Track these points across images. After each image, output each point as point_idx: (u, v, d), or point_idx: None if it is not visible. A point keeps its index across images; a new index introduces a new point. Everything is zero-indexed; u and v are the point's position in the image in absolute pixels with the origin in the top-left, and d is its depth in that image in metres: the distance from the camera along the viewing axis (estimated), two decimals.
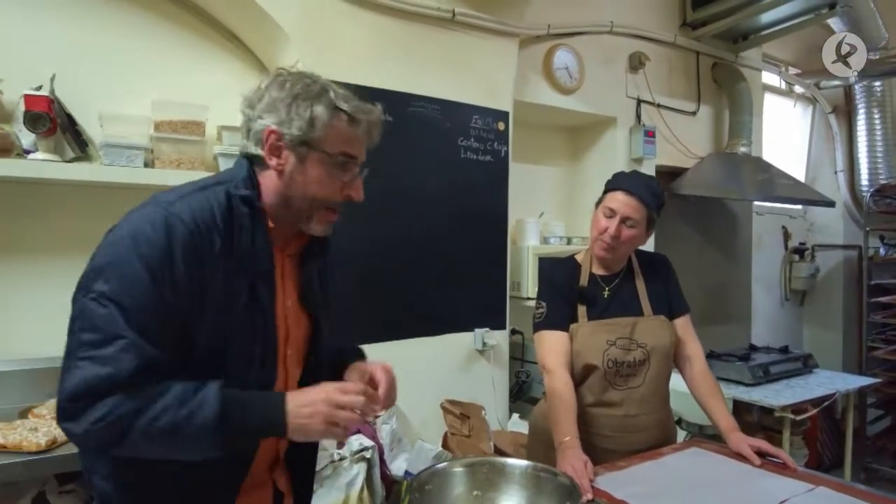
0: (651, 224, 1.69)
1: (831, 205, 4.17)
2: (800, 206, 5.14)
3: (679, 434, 2.11)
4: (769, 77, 4.84)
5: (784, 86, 5.13)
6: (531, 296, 3.04)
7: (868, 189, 4.71)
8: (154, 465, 0.97)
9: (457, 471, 1.23)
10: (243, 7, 2.25)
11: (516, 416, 2.90)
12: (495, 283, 2.89)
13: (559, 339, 1.68)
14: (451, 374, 2.73)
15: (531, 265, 3.06)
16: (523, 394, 3.08)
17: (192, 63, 2.40)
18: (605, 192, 1.72)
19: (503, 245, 2.91)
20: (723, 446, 1.63)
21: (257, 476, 1.10)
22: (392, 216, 2.54)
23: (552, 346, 1.67)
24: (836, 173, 5.13)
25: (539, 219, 3.33)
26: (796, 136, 5.28)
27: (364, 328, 2.47)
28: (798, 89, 5.14)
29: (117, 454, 0.95)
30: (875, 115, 4.72)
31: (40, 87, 1.94)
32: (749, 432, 1.62)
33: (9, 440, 1.55)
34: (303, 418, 0.97)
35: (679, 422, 2.59)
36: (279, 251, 1.11)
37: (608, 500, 1.30)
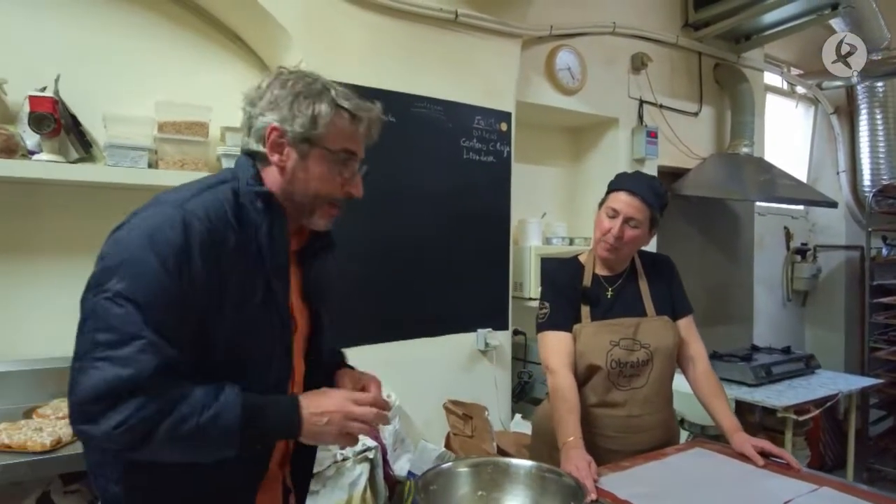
0: (654, 224, 1.69)
1: (833, 205, 4.17)
2: (802, 207, 5.14)
3: (681, 435, 2.12)
4: (771, 78, 4.84)
5: (786, 86, 5.13)
6: (533, 296, 3.04)
7: (870, 189, 4.71)
8: (170, 468, 0.96)
9: (461, 471, 1.23)
10: (246, 7, 2.26)
11: (519, 416, 2.90)
12: (498, 283, 2.89)
13: (562, 339, 1.68)
14: (453, 374, 2.73)
15: (533, 266, 3.07)
16: (526, 394, 3.08)
17: (194, 64, 2.41)
18: (608, 192, 1.72)
19: (505, 245, 2.91)
20: (726, 447, 1.63)
21: (272, 473, 1.12)
22: (395, 216, 2.55)
23: (555, 347, 1.67)
24: (838, 174, 5.13)
25: (541, 219, 3.33)
26: (798, 136, 5.28)
27: (367, 328, 2.48)
28: (800, 90, 5.14)
29: (132, 457, 0.93)
30: (877, 116, 4.72)
31: (45, 89, 1.95)
32: (751, 433, 1.61)
33: (14, 440, 1.55)
34: (317, 426, 0.99)
35: (681, 422, 2.59)
36: None
37: (612, 500, 1.30)
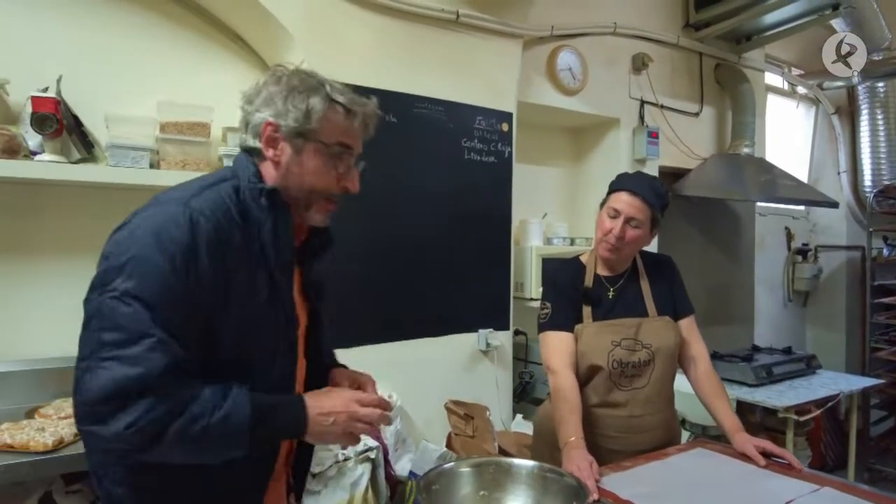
0: (655, 224, 1.70)
1: (834, 205, 4.17)
2: (803, 207, 5.14)
3: (682, 435, 2.11)
4: (772, 78, 4.83)
5: (787, 87, 5.13)
6: (534, 296, 3.04)
7: (871, 190, 4.71)
8: (178, 469, 0.95)
9: (463, 471, 1.23)
10: (247, 7, 2.26)
11: (520, 416, 2.90)
12: (499, 283, 2.89)
13: (564, 339, 1.68)
14: (454, 374, 2.73)
15: (534, 266, 3.07)
16: (527, 394, 3.08)
17: (196, 64, 2.41)
18: (609, 193, 1.72)
19: (507, 246, 2.92)
20: (727, 447, 1.63)
21: (276, 472, 1.12)
22: (396, 216, 2.55)
23: (557, 347, 1.68)
24: (839, 174, 5.13)
25: (542, 219, 3.33)
26: (799, 137, 5.28)
27: (368, 328, 2.48)
28: (801, 90, 5.14)
29: (140, 459, 0.92)
30: (878, 116, 4.72)
31: (47, 89, 1.95)
32: (752, 433, 1.62)
33: (16, 440, 1.55)
34: (322, 426, 1.00)
35: (682, 422, 2.59)
36: None
37: (614, 500, 1.30)
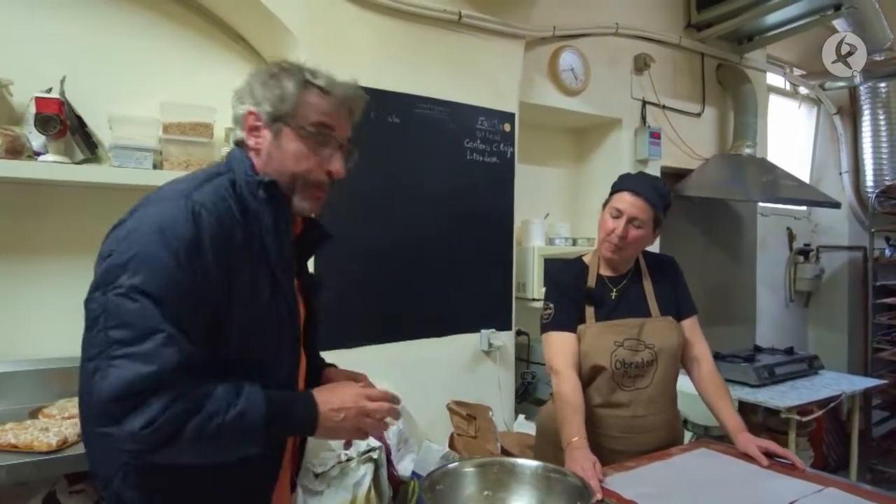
0: (658, 224, 1.70)
1: (836, 206, 4.17)
2: (804, 208, 5.14)
3: (685, 435, 2.11)
4: (774, 78, 4.83)
5: (789, 87, 5.13)
6: (536, 297, 3.04)
7: (873, 190, 4.71)
8: (189, 470, 0.95)
9: (468, 471, 1.23)
10: (249, 7, 2.26)
11: (522, 417, 2.90)
12: (501, 283, 2.89)
13: (567, 340, 1.68)
14: (457, 374, 2.73)
15: (536, 266, 3.07)
16: (529, 395, 3.08)
17: (199, 64, 2.41)
18: (612, 193, 1.72)
19: (509, 246, 2.92)
20: (730, 447, 1.63)
21: (283, 464, 1.12)
22: (399, 217, 2.55)
23: (560, 347, 1.68)
24: (840, 174, 5.13)
25: (544, 220, 3.33)
26: (801, 137, 5.28)
27: (371, 329, 2.48)
28: (803, 90, 5.14)
29: (152, 459, 0.89)
30: (880, 117, 4.72)
31: (50, 90, 1.95)
32: (754, 433, 1.61)
33: (20, 440, 1.56)
34: (333, 422, 1.00)
35: (685, 423, 2.59)
36: None
37: (618, 500, 1.30)
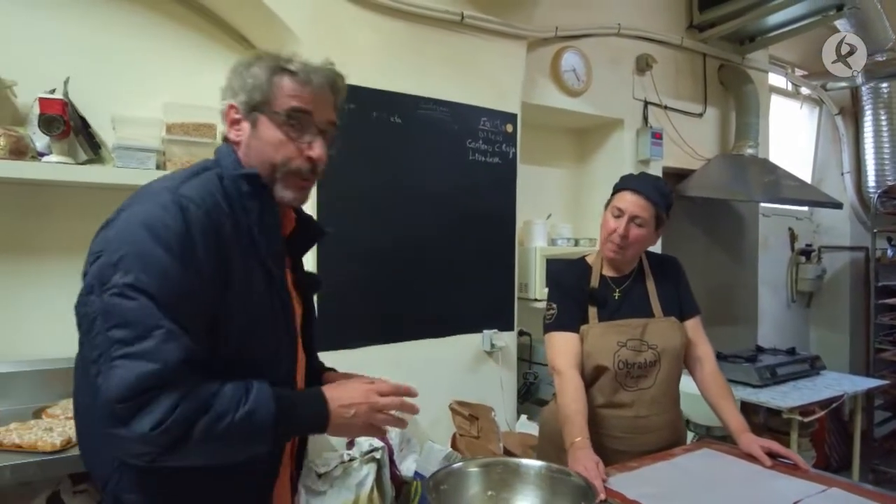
0: (660, 224, 1.70)
1: (838, 206, 4.17)
2: (806, 208, 5.13)
3: (687, 435, 2.11)
4: (776, 79, 4.83)
5: (790, 87, 5.12)
6: (538, 297, 3.05)
7: (875, 190, 4.70)
8: (189, 470, 0.93)
9: (472, 471, 1.23)
10: (251, 7, 2.26)
11: (524, 417, 2.91)
12: (503, 284, 2.90)
13: (569, 340, 1.68)
14: (459, 375, 2.74)
15: (539, 267, 3.07)
16: (531, 395, 3.08)
17: (200, 65, 2.41)
18: (613, 193, 1.73)
19: (511, 246, 2.92)
20: (733, 447, 1.63)
21: (283, 463, 1.11)
22: (400, 217, 2.55)
23: (562, 348, 1.68)
24: (842, 175, 5.13)
25: (546, 220, 3.34)
26: (803, 137, 5.28)
27: (373, 329, 2.49)
28: (804, 91, 5.14)
29: (161, 462, 0.87)
30: (882, 117, 4.72)
31: (54, 91, 1.96)
32: (756, 434, 1.62)
33: (24, 440, 1.56)
34: (344, 419, 0.99)
35: (687, 423, 2.59)
36: None
37: (621, 500, 1.30)
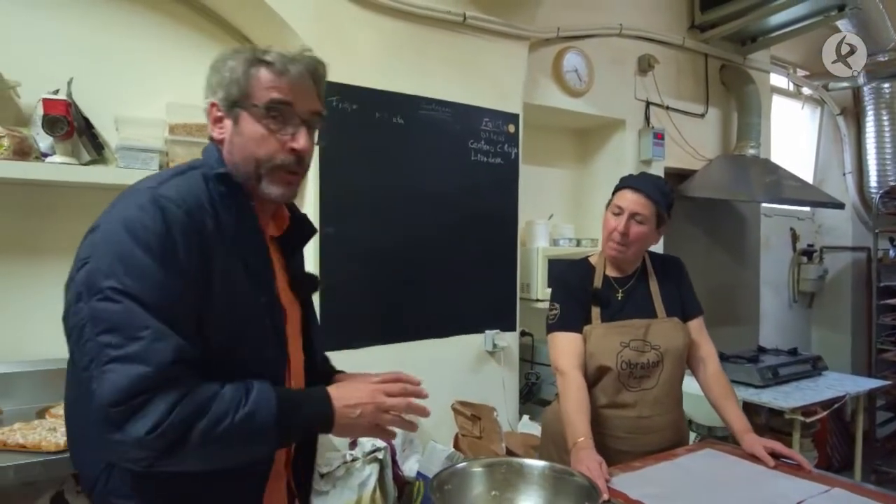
0: (661, 222, 1.70)
1: (840, 206, 4.17)
2: (808, 208, 5.13)
3: (689, 436, 2.11)
4: (777, 79, 4.83)
5: (792, 88, 5.12)
6: (541, 297, 3.05)
7: (877, 191, 4.70)
8: (182, 477, 0.91)
9: (476, 471, 1.24)
10: (253, 7, 2.27)
11: (526, 417, 2.91)
12: (505, 284, 2.90)
13: (572, 340, 1.68)
14: (461, 375, 2.74)
15: (541, 267, 3.07)
16: (533, 395, 3.08)
17: (202, 65, 2.32)
18: (614, 193, 1.74)
19: (513, 247, 2.92)
20: (736, 447, 1.63)
21: (277, 472, 1.09)
22: (402, 218, 2.56)
23: (565, 348, 1.68)
24: (844, 175, 5.13)
25: (548, 221, 3.34)
26: (804, 138, 5.28)
27: (375, 329, 2.49)
28: (806, 91, 5.14)
29: (159, 469, 0.85)
30: (884, 117, 4.71)
31: (57, 91, 1.96)
32: (758, 434, 1.62)
33: (28, 440, 1.56)
34: (349, 419, 0.98)
35: (689, 423, 2.59)
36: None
37: (624, 500, 1.30)
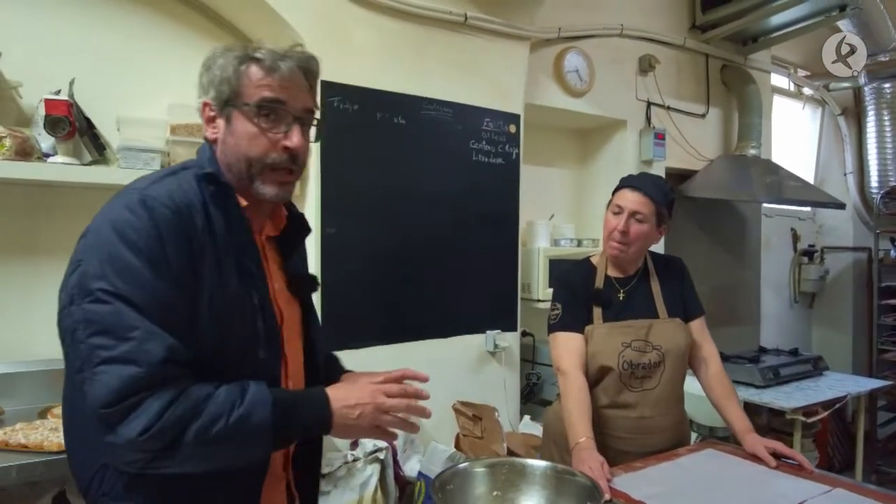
0: (661, 221, 1.70)
1: (841, 207, 4.17)
2: (809, 209, 5.13)
3: (691, 436, 2.12)
4: (778, 79, 4.83)
5: (793, 88, 5.12)
6: (542, 297, 3.05)
7: (878, 191, 4.70)
8: (175, 477, 0.90)
9: (478, 471, 1.24)
10: (254, 8, 2.27)
11: (527, 417, 2.91)
12: (506, 284, 2.90)
13: (574, 340, 1.69)
14: (462, 375, 2.74)
15: (542, 267, 3.07)
16: (534, 395, 3.08)
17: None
18: (613, 193, 1.74)
19: (514, 247, 2.92)
20: (738, 448, 1.63)
21: (274, 474, 1.09)
22: (404, 218, 2.56)
23: (567, 348, 1.68)
24: (845, 175, 5.12)
25: (549, 221, 3.34)
26: (805, 138, 5.28)
27: (376, 329, 2.49)
28: (807, 91, 5.13)
29: (154, 471, 0.85)
30: (885, 117, 4.71)
31: (59, 92, 1.97)
32: (759, 434, 1.62)
33: (30, 440, 1.57)
34: (348, 420, 0.97)
35: (690, 424, 2.59)
36: (256, 233, 1.08)
37: (626, 500, 1.30)
